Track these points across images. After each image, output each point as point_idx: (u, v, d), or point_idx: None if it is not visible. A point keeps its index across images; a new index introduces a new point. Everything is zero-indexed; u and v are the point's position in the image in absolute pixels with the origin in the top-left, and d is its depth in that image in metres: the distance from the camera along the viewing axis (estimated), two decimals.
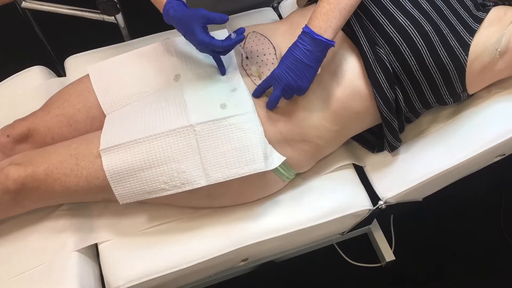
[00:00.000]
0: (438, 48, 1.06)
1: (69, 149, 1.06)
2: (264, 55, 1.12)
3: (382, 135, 1.17)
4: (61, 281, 1.07)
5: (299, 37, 1.01)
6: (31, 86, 1.33)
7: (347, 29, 1.10)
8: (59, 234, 1.13)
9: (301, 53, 1.00)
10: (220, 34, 1.18)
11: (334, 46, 1.01)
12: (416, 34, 1.06)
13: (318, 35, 0.98)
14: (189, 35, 1.03)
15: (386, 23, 1.08)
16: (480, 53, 1.08)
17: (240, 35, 1.04)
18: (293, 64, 1.00)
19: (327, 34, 0.99)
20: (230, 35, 1.05)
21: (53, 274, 1.08)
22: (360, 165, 1.26)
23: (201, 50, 1.06)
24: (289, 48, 1.02)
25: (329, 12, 0.99)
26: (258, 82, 1.09)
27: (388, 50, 1.08)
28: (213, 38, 1.01)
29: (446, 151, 1.16)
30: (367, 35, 1.08)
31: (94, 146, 1.05)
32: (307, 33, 0.99)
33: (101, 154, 1.02)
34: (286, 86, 1.02)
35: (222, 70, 1.11)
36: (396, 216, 1.55)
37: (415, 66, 1.07)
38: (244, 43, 1.15)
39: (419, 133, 1.23)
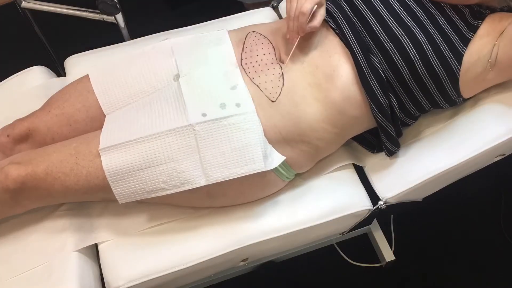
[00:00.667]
0: (431, 58, 1.05)
1: (69, 148, 1.06)
2: (264, 54, 1.12)
3: (380, 140, 1.17)
4: (61, 281, 1.07)
5: None
6: (31, 86, 1.33)
7: (341, 35, 1.10)
8: (59, 234, 1.13)
9: None
10: (220, 34, 1.18)
11: None
12: (409, 43, 1.05)
13: None
14: None
15: (380, 31, 1.08)
16: (473, 64, 1.07)
17: None
18: None
19: None
20: None
21: (53, 274, 1.08)
22: (360, 165, 1.26)
23: None
24: None
25: None
26: (257, 81, 1.09)
27: (381, 58, 1.08)
28: None
29: (446, 151, 1.16)
30: (360, 42, 1.08)
31: (94, 145, 1.05)
32: None
33: (101, 154, 1.02)
34: None
35: None
36: (396, 216, 1.55)
37: (408, 75, 1.07)
38: (244, 43, 1.15)
39: (418, 134, 1.23)
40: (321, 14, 1.06)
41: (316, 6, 1.03)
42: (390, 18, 1.08)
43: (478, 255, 1.62)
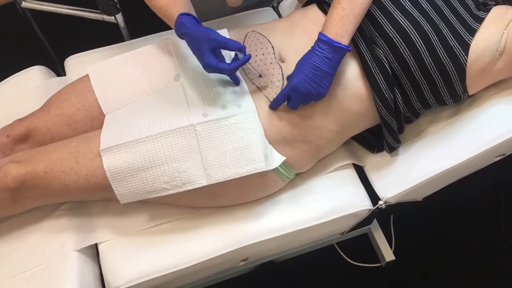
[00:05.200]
0: (438, 49, 1.05)
1: (69, 147, 1.06)
2: (263, 54, 1.12)
3: (382, 136, 1.17)
4: (61, 281, 1.07)
5: (316, 44, 1.00)
6: (31, 86, 1.33)
7: None
8: (59, 234, 1.13)
9: (320, 60, 0.99)
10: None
11: (350, 51, 1.01)
12: (415, 34, 1.05)
13: (337, 42, 0.98)
14: (198, 55, 1.02)
15: (386, 23, 1.08)
16: (480, 54, 1.07)
17: (246, 55, 1.01)
18: (311, 73, 0.99)
19: (344, 40, 0.99)
20: (236, 55, 1.03)
21: (53, 274, 1.08)
22: (360, 165, 1.26)
23: (208, 71, 1.05)
24: (305, 56, 1.01)
25: (344, 18, 0.99)
26: (257, 81, 1.09)
27: (387, 51, 1.08)
28: (220, 62, 1.00)
29: (446, 151, 1.16)
30: (364, 36, 1.08)
31: (94, 144, 1.05)
32: (324, 41, 0.99)
33: (101, 154, 1.02)
34: (305, 95, 1.01)
35: (236, 82, 1.09)
36: (396, 216, 1.55)
37: (415, 66, 1.07)
38: (243, 42, 1.15)
39: (419, 133, 1.23)
40: None
41: None
42: (395, 9, 1.08)
43: (478, 255, 1.62)
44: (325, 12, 1.15)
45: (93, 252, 1.18)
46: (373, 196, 1.21)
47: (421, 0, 1.10)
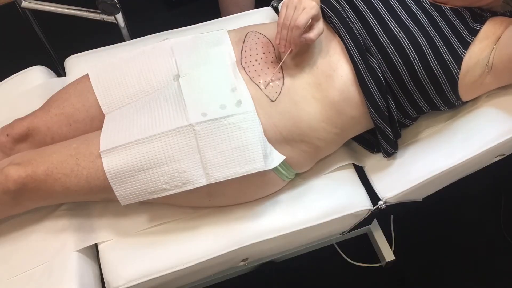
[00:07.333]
0: (431, 61, 1.05)
1: (69, 149, 1.06)
2: (263, 53, 1.12)
3: (378, 141, 1.17)
4: (61, 281, 1.07)
5: None
6: (31, 86, 1.33)
7: (339, 37, 1.10)
8: (59, 234, 1.13)
9: None
10: (220, 34, 1.18)
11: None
12: (409, 45, 1.05)
13: None
14: None
15: (381, 32, 1.08)
16: (472, 67, 1.07)
17: None
18: None
19: None
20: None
21: (53, 274, 1.08)
22: (360, 165, 1.26)
23: None
24: None
25: None
26: (257, 80, 1.09)
27: (380, 60, 1.08)
28: None
29: (446, 151, 1.16)
30: (357, 44, 1.08)
31: (94, 146, 1.05)
32: None
33: (102, 156, 1.02)
34: None
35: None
36: (396, 216, 1.55)
37: (407, 77, 1.07)
38: (243, 42, 1.15)
39: (418, 134, 1.23)
40: (319, 27, 1.03)
41: (311, 19, 1.01)
42: (390, 20, 1.08)
43: (478, 255, 1.62)
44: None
45: (93, 252, 1.18)
46: (373, 196, 1.21)
47: (417, 11, 1.10)
